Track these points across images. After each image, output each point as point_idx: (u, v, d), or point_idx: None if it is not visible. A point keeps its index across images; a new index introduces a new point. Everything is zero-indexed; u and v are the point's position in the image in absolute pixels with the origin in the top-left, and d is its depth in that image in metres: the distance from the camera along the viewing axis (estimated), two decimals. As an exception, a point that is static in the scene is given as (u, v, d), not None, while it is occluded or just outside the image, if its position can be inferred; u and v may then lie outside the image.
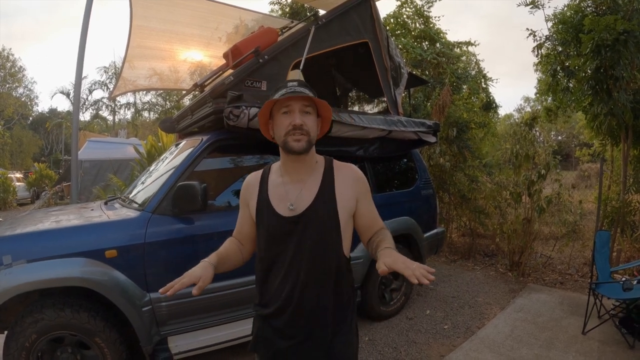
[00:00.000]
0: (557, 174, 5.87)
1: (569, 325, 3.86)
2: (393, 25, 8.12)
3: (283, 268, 1.43)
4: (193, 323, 2.83)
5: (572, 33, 5.42)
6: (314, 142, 1.45)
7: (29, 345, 2.37)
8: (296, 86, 1.43)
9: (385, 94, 4.22)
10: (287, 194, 1.47)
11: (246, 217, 1.60)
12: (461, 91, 7.91)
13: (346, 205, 1.47)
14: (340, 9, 3.77)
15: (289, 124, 1.40)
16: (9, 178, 15.56)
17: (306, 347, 1.44)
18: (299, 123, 1.40)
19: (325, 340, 1.44)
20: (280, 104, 1.43)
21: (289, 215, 1.44)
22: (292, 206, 1.45)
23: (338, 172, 1.51)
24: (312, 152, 1.48)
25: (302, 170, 1.50)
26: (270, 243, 1.47)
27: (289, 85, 1.44)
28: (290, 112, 1.42)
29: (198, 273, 1.39)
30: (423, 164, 4.68)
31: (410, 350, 3.48)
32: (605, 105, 4.97)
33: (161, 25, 5.34)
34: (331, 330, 1.45)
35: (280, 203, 1.47)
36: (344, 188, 1.49)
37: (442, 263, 6.25)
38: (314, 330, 1.44)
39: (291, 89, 1.42)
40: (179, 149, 3.60)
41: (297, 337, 1.44)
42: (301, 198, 1.46)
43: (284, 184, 1.50)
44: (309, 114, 1.44)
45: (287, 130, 1.41)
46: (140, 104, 32.83)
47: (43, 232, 2.64)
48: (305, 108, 1.43)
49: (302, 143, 1.40)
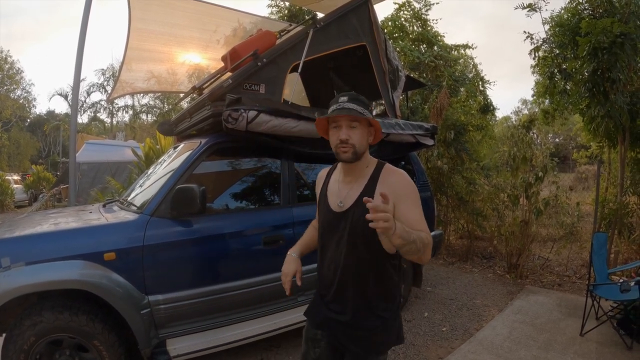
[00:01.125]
0: (555, 176, 5.89)
1: (567, 326, 3.87)
2: (391, 28, 8.14)
3: (330, 253, 1.69)
4: (192, 326, 2.83)
5: (569, 36, 5.45)
6: (361, 151, 1.61)
7: (27, 347, 2.37)
8: (346, 102, 1.59)
9: (383, 96, 4.23)
10: (339, 191, 1.70)
11: (317, 205, 1.85)
12: (459, 94, 7.92)
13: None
14: (339, 12, 3.78)
15: (337, 138, 1.60)
16: (6, 180, 15.51)
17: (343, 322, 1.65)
18: (345, 138, 1.58)
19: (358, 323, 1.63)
20: (331, 120, 1.64)
21: (338, 210, 1.66)
22: (341, 203, 1.67)
23: (384, 177, 1.65)
24: (363, 159, 1.65)
25: (353, 172, 1.69)
26: (323, 231, 1.74)
27: (340, 100, 1.61)
28: (338, 127, 1.61)
29: (292, 269, 1.76)
30: (421, 166, 4.69)
31: (409, 352, 3.48)
32: (603, 108, 4.99)
33: (159, 28, 5.35)
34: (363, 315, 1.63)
35: (333, 198, 1.71)
36: (384, 189, 1.55)
37: (440, 265, 6.26)
38: (351, 311, 1.64)
39: (340, 105, 1.59)
40: (177, 151, 3.60)
41: (338, 312, 1.67)
42: (348, 197, 1.66)
43: (339, 182, 1.73)
44: (356, 128, 1.60)
45: (335, 143, 1.62)
46: (138, 107, 32.86)
47: (41, 234, 2.64)
48: (352, 123, 1.59)
49: (348, 154, 1.59)
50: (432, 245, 4.84)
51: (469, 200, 6.68)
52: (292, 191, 3.44)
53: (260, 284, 3.07)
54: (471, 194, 6.70)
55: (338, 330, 1.67)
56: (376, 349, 1.65)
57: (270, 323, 3.13)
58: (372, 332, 1.62)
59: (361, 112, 1.57)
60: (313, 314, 1.79)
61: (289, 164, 3.47)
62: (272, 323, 3.14)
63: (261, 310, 3.11)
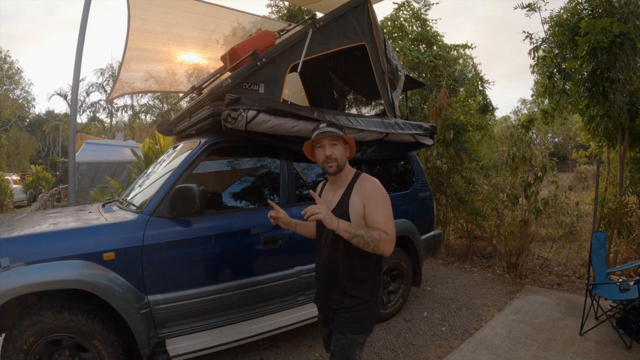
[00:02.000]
0: (554, 175, 5.89)
1: (566, 326, 3.87)
2: (390, 28, 8.13)
3: (321, 245, 2.13)
4: (191, 325, 2.83)
5: (569, 35, 5.45)
6: (342, 164, 2.03)
7: (26, 347, 2.37)
8: (325, 127, 2.04)
9: (383, 96, 4.23)
10: (328, 197, 2.13)
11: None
12: (458, 94, 7.92)
13: (356, 210, 1.98)
14: (338, 12, 3.78)
15: (323, 155, 2.03)
16: (5, 180, 15.49)
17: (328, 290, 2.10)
18: (329, 154, 2.01)
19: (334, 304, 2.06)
20: (316, 142, 2.07)
21: None
22: (328, 207, 1.99)
23: (358, 184, 2.03)
24: (344, 170, 2.06)
25: (337, 182, 2.11)
26: (318, 228, 2.17)
27: (320, 126, 2.06)
28: (322, 146, 2.03)
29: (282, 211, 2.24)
30: (420, 166, 4.69)
31: (408, 352, 3.49)
32: (602, 107, 5.00)
33: (158, 28, 5.35)
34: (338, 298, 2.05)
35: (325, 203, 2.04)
36: (357, 196, 2.00)
37: (440, 265, 6.27)
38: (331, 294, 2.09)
39: (321, 130, 2.03)
40: (176, 151, 3.60)
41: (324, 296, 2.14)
42: (333, 202, 2.08)
43: (329, 190, 2.17)
44: (336, 145, 2.03)
45: (322, 159, 2.04)
46: (137, 107, 32.80)
47: (41, 234, 2.64)
48: (332, 141, 2.03)
49: (333, 168, 2.02)
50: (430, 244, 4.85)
51: (468, 200, 6.68)
52: (292, 191, 3.44)
53: (259, 284, 3.07)
54: (470, 193, 6.71)
55: (325, 312, 2.14)
56: (346, 329, 1.98)
57: (270, 323, 3.13)
58: (344, 313, 2.00)
59: (338, 133, 2.01)
60: (316, 300, 2.25)
61: (288, 163, 3.47)
62: (272, 323, 3.14)
63: (260, 310, 3.12)
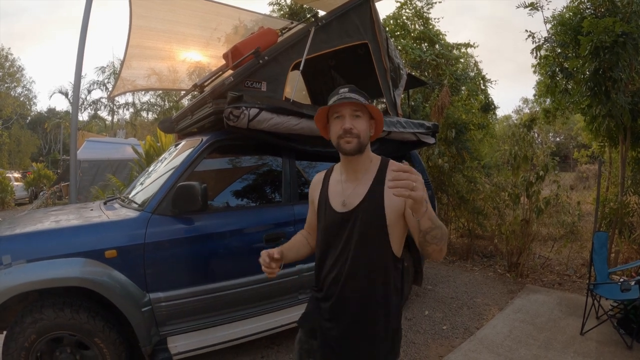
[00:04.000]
0: (556, 175, 5.89)
1: (567, 326, 3.87)
2: (392, 26, 8.13)
3: (333, 258, 1.56)
4: (192, 323, 2.83)
5: (571, 35, 5.44)
6: (365, 143, 1.53)
7: (28, 345, 2.37)
8: (347, 92, 1.53)
9: (385, 95, 4.22)
10: (342, 190, 1.60)
11: (312, 211, 1.79)
12: (460, 92, 7.92)
13: (396, 206, 1.47)
14: (340, 10, 3.77)
15: (340, 128, 1.52)
16: (7, 178, 15.51)
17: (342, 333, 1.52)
18: (349, 127, 1.50)
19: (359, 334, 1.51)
20: (333, 110, 1.55)
21: (341, 210, 1.55)
22: (344, 203, 1.56)
23: (390, 171, 1.50)
24: (366, 152, 1.57)
25: (357, 168, 1.59)
26: (325, 235, 1.61)
27: (341, 91, 1.55)
28: (341, 117, 1.53)
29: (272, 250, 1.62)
30: (422, 165, 4.69)
31: (409, 350, 3.49)
32: (604, 107, 4.98)
33: (160, 25, 5.34)
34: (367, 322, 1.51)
35: (336, 199, 1.60)
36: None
37: (441, 264, 6.26)
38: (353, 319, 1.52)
39: (342, 95, 1.53)
40: (178, 149, 3.61)
41: (338, 321, 1.54)
42: (354, 195, 1.55)
43: (342, 181, 1.63)
44: (360, 117, 1.53)
45: (338, 133, 1.52)
46: (139, 104, 32.77)
47: (43, 232, 2.64)
48: (355, 112, 1.52)
49: (352, 145, 1.50)
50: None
51: (470, 199, 6.67)
52: (294, 189, 3.44)
53: (261, 282, 3.06)
54: (472, 192, 6.70)
55: (336, 342, 1.53)
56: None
57: (272, 321, 3.14)
58: (372, 345, 1.51)
59: (363, 101, 1.52)
60: (309, 323, 1.65)
61: (290, 161, 3.47)
62: (274, 321, 3.14)
63: (262, 308, 3.12)
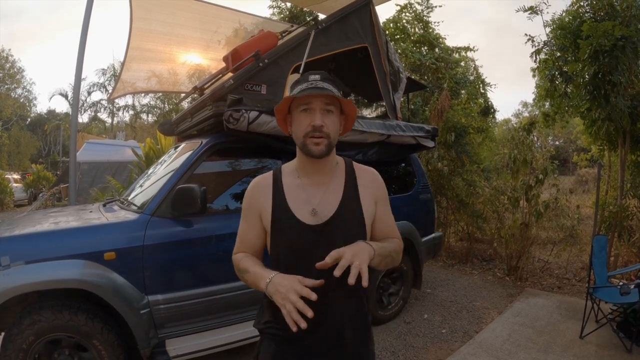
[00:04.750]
0: (555, 178, 5.88)
1: (567, 329, 3.87)
2: (392, 30, 8.15)
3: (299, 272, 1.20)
4: (191, 326, 2.83)
5: (571, 39, 5.45)
6: (334, 144, 1.31)
7: (26, 347, 2.36)
8: (318, 80, 1.28)
9: (384, 98, 4.23)
10: (308, 197, 1.32)
11: (255, 227, 1.39)
12: (460, 96, 7.93)
13: (369, 210, 1.36)
14: (340, 14, 3.78)
15: (309, 125, 1.26)
16: (6, 179, 15.51)
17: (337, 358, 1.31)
18: (319, 124, 1.25)
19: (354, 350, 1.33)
20: (300, 101, 1.27)
21: (313, 222, 1.29)
22: (315, 212, 1.30)
23: (359, 175, 1.40)
24: (333, 152, 1.35)
25: (323, 171, 1.36)
26: (292, 254, 1.29)
27: (311, 79, 1.28)
28: (310, 111, 1.27)
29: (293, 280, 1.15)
30: (421, 168, 4.69)
31: (408, 354, 3.48)
32: (603, 111, 4.99)
33: (161, 28, 5.36)
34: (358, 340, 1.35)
35: (301, 208, 1.31)
36: (367, 192, 1.38)
37: (440, 267, 6.26)
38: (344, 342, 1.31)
39: (312, 84, 1.26)
40: (177, 151, 3.61)
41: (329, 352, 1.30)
42: (326, 202, 1.32)
43: (304, 186, 1.34)
44: (331, 112, 1.28)
45: (306, 131, 1.26)
46: (138, 106, 32.78)
47: (42, 233, 2.64)
48: (327, 106, 1.27)
49: (321, 147, 1.26)
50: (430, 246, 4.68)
51: (469, 202, 6.67)
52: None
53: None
54: (471, 196, 6.70)
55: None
56: None
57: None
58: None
59: (336, 93, 1.27)
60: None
61: (289, 164, 3.46)
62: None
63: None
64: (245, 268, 1.32)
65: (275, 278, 1.17)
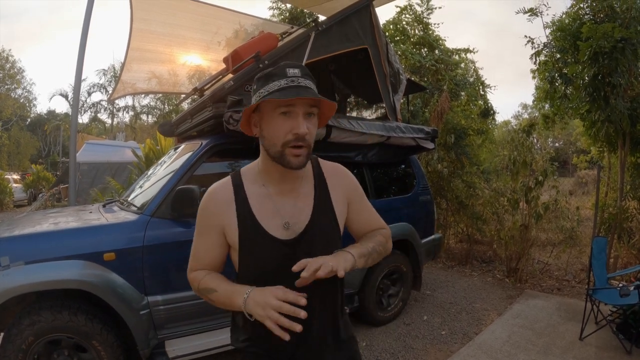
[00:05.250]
0: (555, 180, 5.88)
1: (566, 331, 3.86)
2: (392, 31, 8.15)
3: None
4: (191, 327, 2.83)
5: (570, 40, 5.46)
6: (311, 152, 1.16)
7: (25, 347, 2.36)
8: (299, 77, 1.11)
9: (384, 100, 4.23)
10: (277, 209, 1.18)
11: (215, 244, 1.23)
12: (459, 98, 7.93)
13: (342, 211, 1.27)
14: (340, 15, 3.79)
15: (289, 132, 1.09)
16: (6, 179, 15.51)
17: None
18: (304, 132, 1.09)
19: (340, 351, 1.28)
20: (280, 103, 1.09)
21: (286, 237, 1.17)
22: (287, 225, 1.17)
23: (328, 177, 1.28)
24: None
25: (292, 178, 1.21)
26: (265, 273, 1.16)
27: (290, 73, 1.10)
28: (291, 115, 1.10)
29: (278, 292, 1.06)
30: (421, 170, 4.69)
31: (408, 355, 3.48)
32: (603, 112, 4.99)
33: (161, 29, 5.37)
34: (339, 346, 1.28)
35: (271, 221, 1.17)
36: (337, 192, 1.27)
37: (440, 269, 6.26)
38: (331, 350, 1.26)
39: (293, 80, 1.09)
40: (177, 152, 3.61)
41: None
42: (297, 213, 1.19)
43: (271, 196, 1.20)
44: (313, 115, 1.14)
45: (285, 139, 1.09)
46: (138, 107, 32.84)
47: (41, 233, 2.64)
48: (310, 109, 1.12)
49: (301, 158, 1.11)
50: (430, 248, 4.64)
51: (469, 204, 6.67)
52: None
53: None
54: (471, 197, 6.70)
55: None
56: None
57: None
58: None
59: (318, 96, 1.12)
60: None
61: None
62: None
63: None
64: (210, 287, 1.19)
65: (253, 293, 1.08)
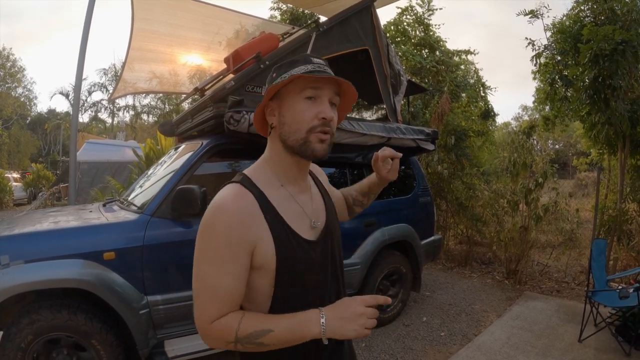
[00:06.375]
0: (555, 182, 5.89)
1: (565, 333, 3.87)
2: (393, 32, 8.16)
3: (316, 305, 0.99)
4: (190, 327, 2.82)
5: (571, 42, 5.46)
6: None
7: (25, 346, 2.37)
8: (325, 65, 1.03)
9: (385, 101, 4.23)
10: (302, 209, 1.07)
11: (244, 271, 0.98)
12: (460, 99, 7.93)
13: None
14: (341, 16, 3.79)
15: (315, 116, 0.99)
16: (6, 178, 15.51)
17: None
18: (331, 116, 1.00)
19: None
20: (305, 84, 0.99)
21: (313, 238, 1.07)
22: (314, 224, 1.08)
23: (315, 172, 1.28)
24: None
25: (305, 174, 1.14)
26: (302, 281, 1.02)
27: (315, 61, 1.02)
28: (316, 100, 1.00)
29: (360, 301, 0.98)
30: (421, 171, 4.69)
31: (407, 357, 3.48)
32: (603, 115, 5.00)
33: (162, 29, 5.38)
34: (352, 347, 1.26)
35: (302, 225, 1.06)
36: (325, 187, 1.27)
37: (439, 270, 6.26)
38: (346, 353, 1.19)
39: (321, 67, 1.01)
40: (178, 152, 3.61)
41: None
42: (316, 210, 1.12)
43: (292, 196, 1.07)
44: (334, 106, 1.05)
45: (311, 124, 0.99)
46: (139, 107, 32.84)
47: (41, 232, 2.64)
48: (334, 98, 1.04)
49: (325, 145, 1.01)
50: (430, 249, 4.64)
51: (469, 205, 6.67)
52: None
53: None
54: (471, 199, 6.70)
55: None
56: None
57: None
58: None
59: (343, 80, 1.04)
60: None
61: (289, 166, 3.46)
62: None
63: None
64: (260, 330, 0.93)
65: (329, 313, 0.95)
